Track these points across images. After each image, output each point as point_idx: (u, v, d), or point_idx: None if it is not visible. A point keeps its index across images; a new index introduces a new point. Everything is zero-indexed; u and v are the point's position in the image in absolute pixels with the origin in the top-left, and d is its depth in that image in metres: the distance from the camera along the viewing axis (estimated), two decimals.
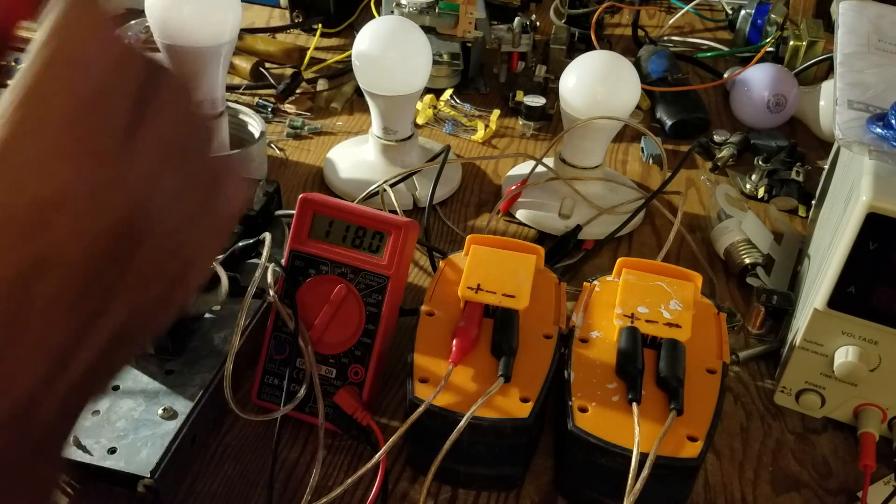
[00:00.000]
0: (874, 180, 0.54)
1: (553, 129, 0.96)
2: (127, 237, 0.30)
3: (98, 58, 0.30)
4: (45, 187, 0.28)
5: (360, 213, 0.58)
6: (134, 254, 0.30)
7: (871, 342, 0.57)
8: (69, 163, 0.28)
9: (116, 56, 0.31)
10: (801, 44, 1.06)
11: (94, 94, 0.30)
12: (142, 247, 0.30)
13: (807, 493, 0.57)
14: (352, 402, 0.56)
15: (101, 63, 0.30)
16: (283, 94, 0.95)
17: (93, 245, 0.29)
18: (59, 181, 0.28)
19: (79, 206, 0.28)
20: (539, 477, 0.56)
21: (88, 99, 0.29)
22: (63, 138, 0.28)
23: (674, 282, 0.59)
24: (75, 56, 0.29)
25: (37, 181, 0.27)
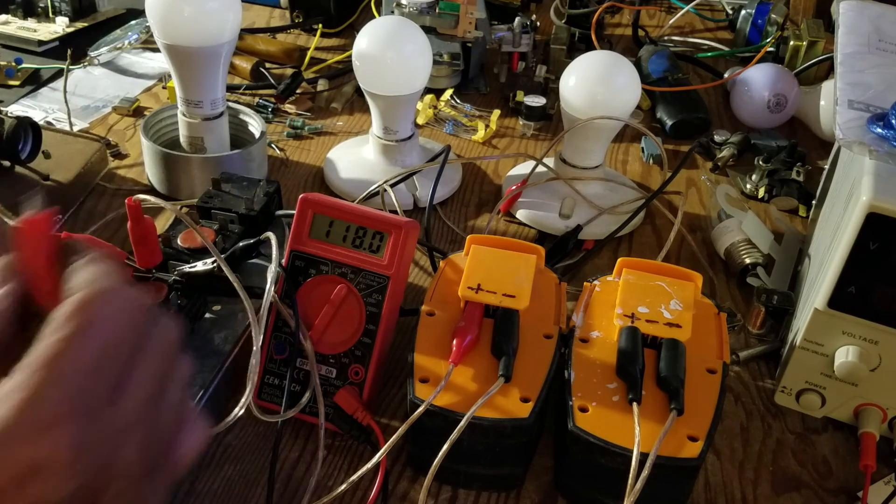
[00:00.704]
0: (874, 180, 0.54)
1: (553, 129, 0.96)
2: (93, 490, 0.32)
3: (113, 325, 0.33)
4: (35, 453, 0.30)
5: (360, 213, 0.58)
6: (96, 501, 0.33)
7: (872, 342, 0.57)
8: (64, 427, 0.31)
9: (128, 316, 0.34)
10: (801, 44, 1.06)
11: (103, 356, 0.32)
12: (104, 496, 0.33)
13: (807, 493, 0.57)
14: (352, 402, 0.56)
15: (116, 328, 0.33)
16: (283, 94, 0.95)
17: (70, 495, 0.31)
18: (50, 447, 0.30)
19: (60, 469, 0.31)
20: (539, 477, 0.56)
21: (97, 363, 0.32)
22: (66, 403, 0.31)
23: (674, 282, 0.59)
24: (97, 329, 0.32)
25: (30, 447, 0.30)
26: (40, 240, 0.37)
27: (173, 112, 0.80)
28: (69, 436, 0.31)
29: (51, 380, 0.31)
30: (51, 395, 0.31)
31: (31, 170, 0.76)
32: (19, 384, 0.31)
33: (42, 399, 0.31)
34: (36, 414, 0.31)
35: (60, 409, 0.31)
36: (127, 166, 0.85)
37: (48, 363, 0.32)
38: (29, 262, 0.36)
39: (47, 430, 0.31)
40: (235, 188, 0.69)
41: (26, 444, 0.30)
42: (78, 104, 0.94)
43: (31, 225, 0.37)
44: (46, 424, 0.31)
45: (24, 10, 1.10)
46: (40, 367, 0.32)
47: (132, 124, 0.92)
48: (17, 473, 0.30)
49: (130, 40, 1.05)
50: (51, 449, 0.31)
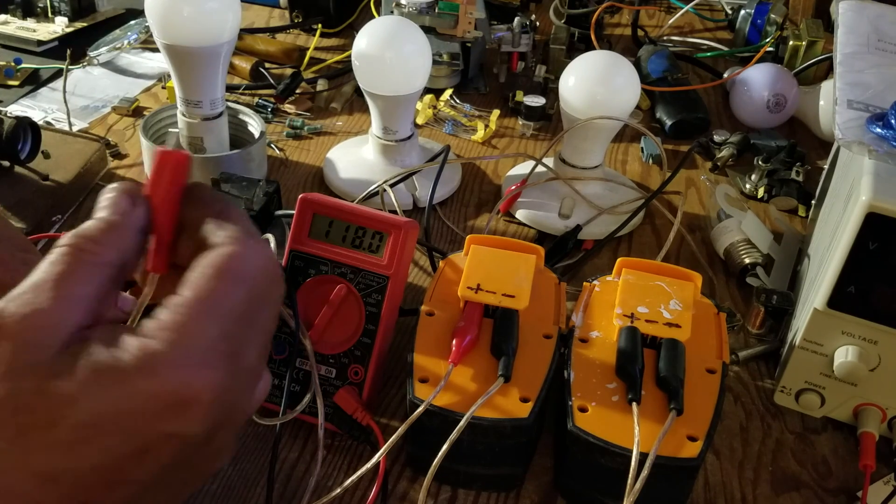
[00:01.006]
0: (874, 180, 0.54)
1: (553, 129, 0.96)
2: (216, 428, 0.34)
3: (258, 276, 0.35)
4: (185, 388, 0.32)
5: (359, 213, 0.58)
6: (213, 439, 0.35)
7: (871, 342, 0.57)
8: (214, 367, 0.33)
9: (268, 270, 0.36)
10: (800, 44, 1.06)
11: (248, 304, 0.34)
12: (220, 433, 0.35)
13: (807, 493, 0.57)
14: (352, 402, 0.56)
15: (259, 279, 0.35)
16: (282, 94, 0.95)
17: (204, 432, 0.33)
18: (200, 384, 0.32)
19: (204, 406, 0.32)
20: (539, 477, 0.56)
21: (243, 310, 0.34)
22: (218, 344, 0.33)
23: (674, 282, 0.59)
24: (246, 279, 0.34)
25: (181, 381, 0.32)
26: (179, 173, 0.37)
27: (173, 112, 0.80)
28: (220, 376, 0.33)
29: (205, 320, 0.33)
30: (205, 334, 0.32)
31: (31, 170, 0.76)
32: (175, 321, 0.32)
33: (196, 337, 0.32)
34: (190, 350, 0.32)
35: (212, 349, 0.33)
36: (126, 166, 0.85)
37: (204, 304, 0.33)
38: (163, 190, 0.37)
39: (199, 368, 0.32)
40: (235, 188, 0.69)
41: (178, 377, 0.32)
42: (77, 104, 0.94)
43: (175, 157, 0.37)
44: (198, 362, 0.32)
45: (23, 10, 1.10)
46: (196, 307, 0.33)
47: (131, 124, 0.92)
48: (164, 404, 0.31)
49: (130, 40, 1.05)
50: (200, 386, 0.32)
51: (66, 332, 0.32)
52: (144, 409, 0.31)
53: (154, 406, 0.31)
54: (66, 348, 0.32)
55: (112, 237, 0.35)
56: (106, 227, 0.35)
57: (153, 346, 0.32)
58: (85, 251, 0.34)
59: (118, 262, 0.35)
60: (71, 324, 0.32)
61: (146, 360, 0.31)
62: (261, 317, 0.35)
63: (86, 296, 0.33)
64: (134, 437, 0.32)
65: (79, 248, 0.34)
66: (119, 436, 0.31)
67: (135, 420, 0.31)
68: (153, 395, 0.31)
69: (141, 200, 0.36)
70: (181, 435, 0.32)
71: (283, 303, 0.39)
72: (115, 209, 0.36)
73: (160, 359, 0.32)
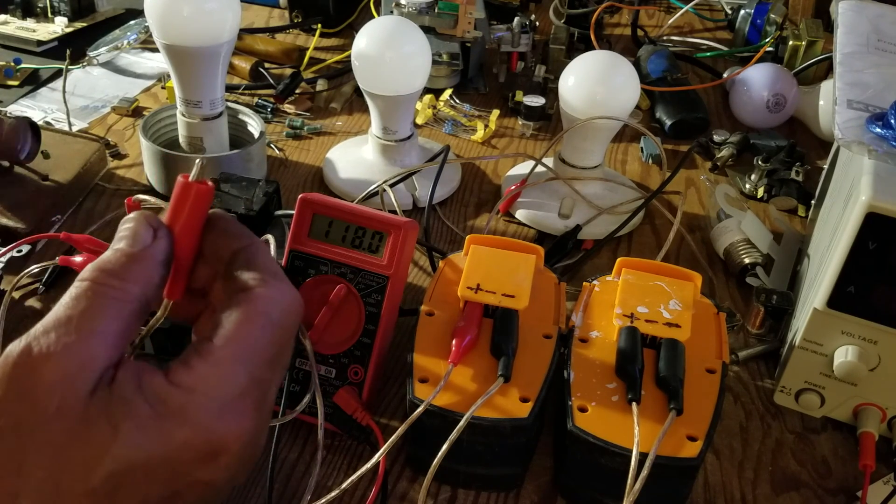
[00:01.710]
0: (874, 180, 0.54)
1: (552, 129, 0.96)
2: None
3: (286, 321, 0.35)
4: (220, 436, 0.32)
5: (359, 213, 0.57)
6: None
7: (871, 342, 0.57)
8: (247, 412, 0.33)
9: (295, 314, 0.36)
10: (800, 43, 1.06)
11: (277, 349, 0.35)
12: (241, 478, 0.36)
13: (806, 493, 0.57)
14: (351, 402, 0.56)
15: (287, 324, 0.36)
16: (282, 94, 0.95)
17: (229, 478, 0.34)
18: (235, 431, 0.33)
19: (236, 454, 0.33)
20: (539, 477, 0.56)
21: (272, 355, 0.34)
22: (251, 390, 0.33)
23: (673, 282, 0.59)
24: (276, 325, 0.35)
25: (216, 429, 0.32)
26: (202, 203, 0.36)
27: (172, 112, 0.80)
28: (250, 425, 0.33)
29: (238, 368, 0.33)
30: (237, 381, 0.33)
31: (31, 170, 0.76)
32: (208, 370, 0.32)
33: (228, 385, 0.32)
34: (222, 400, 0.32)
35: (243, 396, 0.33)
36: (126, 166, 0.85)
37: (236, 351, 0.33)
38: (184, 220, 0.36)
39: (231, 417, 0.32)
40: (235, 188, 0.69)
41: (211, 427, 0.32)
42: (77, 104, 0.94)
43: (198, 189, 0.36)
44: (230, 411, 0.32)
45: (22, 11, 1.10)
46: (229, 354, 0.33)
47: (131, 124, 0.92)
48: (196, 454, 0.32)
49: (129, 40, 1.05)
50: (232, 436, 0.33)
51: (97, 371, 0.32)
52: (177, 458, 0.32)
53: (186, 456, 0.32)
54: (97, 390, 0.31)
55: (135, 271, 0.34)
56: (128, 261, 0.34)
57: (186, 396, 0.32)
58: (110, 286, 0.33)
59: (142, 297, 0.34)
60: (101, 363, 0.32)
61: (180, 410, 0.31)
62: (285, 356, 0.36)
63: (114, 332, 0.33)
64: (165, 486, 0.32)
65: (102, 284, 0.33)
66: (151, 484, 0.32)
67: (167, 469, 0.32)
68: (186, 445, 0.32)
69: (163, 232, 0.36)
70: (211, 481, 0.33)
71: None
72: (136, 240, 0.35)
73: (194, 408, 0.32)
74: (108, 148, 0.86)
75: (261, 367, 0.34)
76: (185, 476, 0.32)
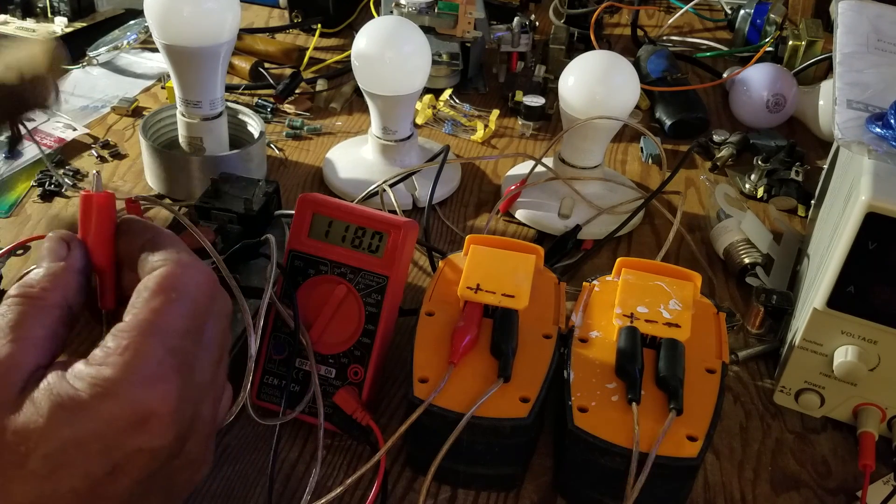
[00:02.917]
0: (873, 180, 0.54)
1: (552, 129, 0.96)
2: (182, 439, 0.37)
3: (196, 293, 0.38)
4: (144, 404, 0.34)
5: (359, 213, 0.58)
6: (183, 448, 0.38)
7: (871, 342, 0.57)
8: (168, 381, 0.35)
9: (206, 286, 0.38)
10: (800, 43, 1.06)
11: (190, 320, 0.37)
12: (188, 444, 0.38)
13: (806, 493, 0.57)
14: (351, 402, 0.56)
15: (198, 296, 0.38)
16: (282, 94, 0.95)
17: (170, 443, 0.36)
18: (157, 398, 0.35)
19: (164, 418, 0.35)
20: (539, 477, 0.56)
21: (186, 326, 0.37)
22: (167, 360, 0.36)
23: (673, 281, 0.59)
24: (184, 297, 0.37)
25: (139, 399, 0.35)
26: (104, 212, 0.40)
27: (172, 112, 0.80)
28: (173, 388, 0.35)
29: (150, 339, 0.35)
30: (154, 353, 0.35)
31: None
32: (123, 345, 0.35)
33: (144, 356, 0.35)
34: (140, 369, 0.35)
35: (161, 364, 0.35)
36: (126, 166, 0.85)
37: (146, 325, 0.36)
38: (93, 231, 0.40)
39: (152, 384, 0.35)
40: (234, 188, 0.69)
41: (133, 396, 0.34)
42: (77, 104, 0.94)
43: (97, 199, 0.39)
44: (150, 378, 0.35)
45: (22, 11, 1.10)
46: (142, 330, 0.35)
47: (131, 124, 0.92)
48: (125, 423, 0.34)
49: (129, 40, 1.05)
50: (158, 400, 0.35)
51: (26, 373, 0.35)
52: (107, 430, 0.34)
53: (116, 426, 0.34)
54: (26, 388, 0.34)
55: (54, 282, 0.38)
56: (46, 273, 0.38)
57: (105, 371, 0.34)
58: (32, 298, 0.37)
59: (64, 303, 0.38)
60: (29, 365, 0.35)
61: (101, 386, 0.34)
62: (207, 331, 0.38)
63: (40, 337, 0.36)
64: (103, 458, 0.34)
65: (26, 296, 0.37)
66: (89, 459, 0.34)
67: (101, 442, 0.34)
68: (114, 417, 0.34)
69: (76, 244, 0.40)
70: (148, 449, 0.35)
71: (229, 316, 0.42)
72: (52, 256, 0.39)
73: (113, 382, 0.34)
74: (107, 148, 0.86)
75: (175, 337, 0.36)
76: (119, 447, 0.34)
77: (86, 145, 0.87)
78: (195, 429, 0.38)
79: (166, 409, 0.35)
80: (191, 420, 0.37)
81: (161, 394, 0.35)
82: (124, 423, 0.34)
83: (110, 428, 0.34)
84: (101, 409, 0.34)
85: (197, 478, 0.41)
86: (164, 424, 0.35)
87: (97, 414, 0.34)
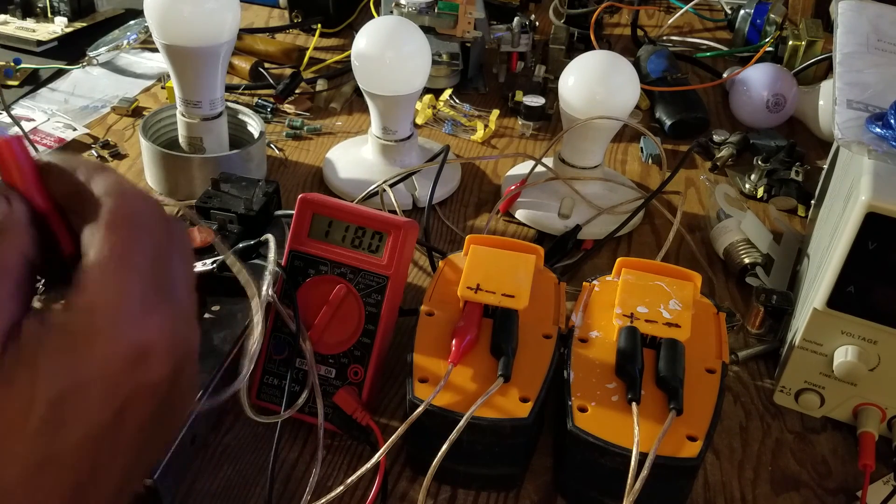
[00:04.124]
0: (873, 180, 0.54)
1: (552, 129, 0.96)
2: (177, 372, 0.36)
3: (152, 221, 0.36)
4: (141, 338, 0.34)
5: (359, 213, 0.58)
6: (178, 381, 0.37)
7: (871, 342, 0.57)
8: (159, 312, 0.35)
9: (158, 214, 0.37)
10: (800, 43, 1.06)
11: (157, 249, 0.36)
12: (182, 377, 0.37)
13: (806, 493, 0.57)
14: (351, 402, 0.56)
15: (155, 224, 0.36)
16: (282, 94, 0.95)
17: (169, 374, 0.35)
18: (153, 331, 0.34)
19: (162, 351, 0.34)
20: (539, 477, 0.56)
21: (155, 255, 0.36)
22: (151, 292, 0.35)
23: (673, 281, 0.59)
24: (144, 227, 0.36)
25: (136, 334, 0.34)
26: (24, 154, 0.37)
27: (172, 112, 0.80)
28: (163, 317, 0.34)
29: (128, 277, 0.34)
30: (134, 288, 0.34)
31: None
32: (101, 286, 0.34)
33: (128, 293, 0.34)
34: (129, 306, 0.34)
35: (147, 298, 0.34)
36: (126, 166, 0.85)
37: (118, 263, 0.34)
38: (17, 175, 0.37)
39: (142, 317, 0.34)
40: (234, 188, 0.69)
41: (128, 332, 0.33)
42: (77, 104, 0.94)
43: (11, 141, 0.37)
44: (140, 312, 0.34)
45: (22, 11, 1.09)
46: (113, 269, 0.34)
47: (131, 124, 0.92)
48: (125, 361, 0.33)
49: (129, 40, 1.05)
50: (152, 332, 0.34)
51: (2, 333, 0.33)
52: (107, 372, 0.33)
53: (114, 367, 0.33)
54: (6, 349, 0.33)
55: (7, 239, 0.36)
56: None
57: (89, 315, 0.33)
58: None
59: (21, 256, 0.36)
60: (3, 324, 0.33)
61: (89, 329, 0.33)
62: (174, 259, 0.37)
63: (6, 296, 0.34)
64: (106, 402, 0.33)
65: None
66: (92, 406, 0.32)
67: (102, 385, 0.33)
68: (109, 358, 0.33)
69: (14, 195, 0.37)
70: (151, 383, 0.34)
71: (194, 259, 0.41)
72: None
73: (102, 323, 0.33)
74: (107, 148, 0.86)
75: (147, 270, 0.35)
76: (123, 386, 0.33)
77: (86, 145, 0.87)
78: (189, 356, 0.37)
79: (163, 339, 0.34)
80: (184, 348, 0.36)
81: (155, 325, 0.34)
82: (123, 362, 0.33)
83: (109, 369, 0.33)
84: (97, 352, 0.33)
85: (189, 402, 0.40)
86: (164, 355, 0.34)
87: (93, 357, 0.33)
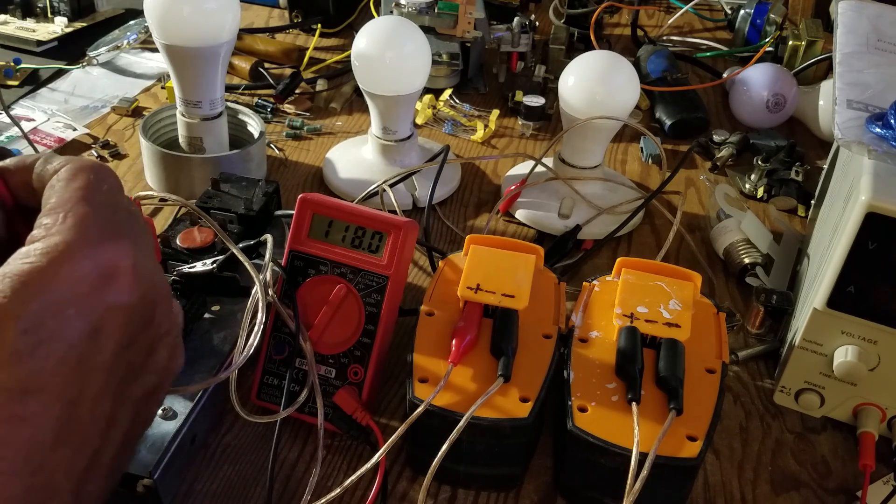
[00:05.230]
0: (873, 180, 0.54)
1: (552, 129, 0.96)
2: (150, 304, 0.38)
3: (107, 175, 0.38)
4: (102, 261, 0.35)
5: (359, 213, 0.58)
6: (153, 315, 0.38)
7: (871, 342, 0.57)
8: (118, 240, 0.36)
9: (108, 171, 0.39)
10: (800, 43, 1.06)
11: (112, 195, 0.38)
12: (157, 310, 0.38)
13: (806, 493, 0.57)
14: (351, 402, 0.56)
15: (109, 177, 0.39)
16: (282, 94, 0.95)
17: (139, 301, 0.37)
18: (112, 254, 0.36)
19: (126, 273, 0.36)
20: (539, 477, 0.56)
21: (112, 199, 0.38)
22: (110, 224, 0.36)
23: (673, 281, 0.59)
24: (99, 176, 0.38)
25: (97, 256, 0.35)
26: None
27: (172, 112, 0.80)
28: (128, 243, 0.36)
29: (89, 209, 0.36)
30: (95, 218, 0.36)
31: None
32: (62, 217, 0.35)
33: (90, 222, 0.35)
34: (92, 232, 0.35)
35: (109, 225, 0.36)
36: (126, 166, 0.85)
37: (79, 198, 0.36)
38: None
39: (107, 241, 0.36)
40: (234, 188, 0.69)
41: (93, 254, 0.35)
42: (77, 104, 0.94)
43: None
44: (104, 237, 0.35)
45: (22, 11, 1.10)
46: (74, 203, 0.36)
47: (131, 124, 0.92)
48: (92, 281, 0.35)
49: (129, 40, 1.05)
50: (115, 254, 0.36)
51: None
52: (77, 292, 0.34)
53: (85, 287, 0.34)
54: None
55: None
56: None
57: (54, 239, 0.34)
58: None
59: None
60: None
61: (57, 251, 0.34)
62: (133, 212, 0.39)
63: None
64: (80, 322, 0.34)
65: None
66: (67, 326, 0.34)
67: (73, 306, 0.34)
68: (79, 278, 0.34)
69: None
70: (121, 305, 0.36)
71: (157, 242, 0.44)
72: None
73: (68, 245, 0.34)
74: (107, 148, 0.86)
75: (107, 208, 0.36)
76: (93, 307, 0.35)
77: (86, 145, 0.87)
78: (158, 295, 0.38)
79: (127, 262, 0.36)
80: (151, 282, 0.37)
81: (118, 248, 0.36)
82: (91, 282, 0.34)
83: (79, 289, 0.34)
84: (64, 273, 0.34)
85: (174, 365, 0.41)
86: (129, 279, 0.36)
87: (62, 278, 0.34)
